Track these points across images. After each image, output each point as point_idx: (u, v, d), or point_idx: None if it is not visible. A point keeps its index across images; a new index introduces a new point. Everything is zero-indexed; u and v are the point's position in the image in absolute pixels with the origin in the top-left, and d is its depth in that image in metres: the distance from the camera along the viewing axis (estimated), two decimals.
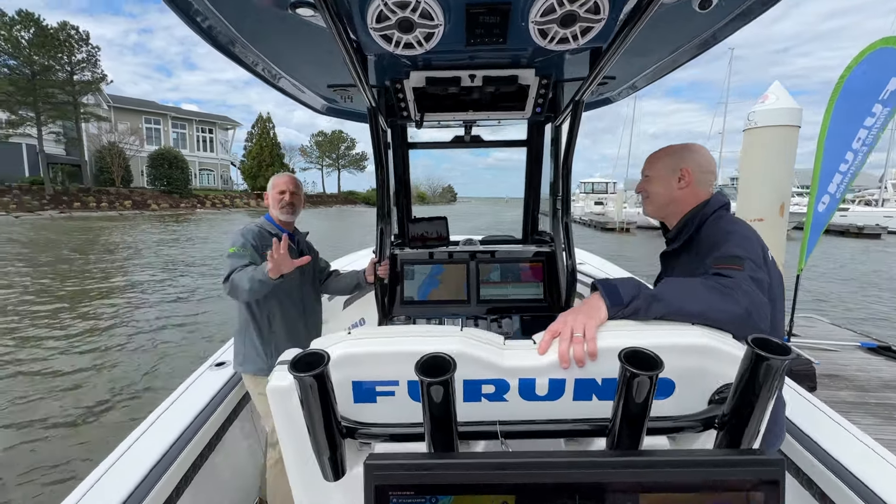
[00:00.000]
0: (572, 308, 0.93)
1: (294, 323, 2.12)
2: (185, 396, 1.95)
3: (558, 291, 2.38)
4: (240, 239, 2.01)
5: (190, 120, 43.38)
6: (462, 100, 1.97)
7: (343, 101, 2.28)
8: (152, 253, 15.16)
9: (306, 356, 0.73)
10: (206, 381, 2.12)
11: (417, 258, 2.47)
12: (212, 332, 7.12)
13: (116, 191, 33.25)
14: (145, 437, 1.61)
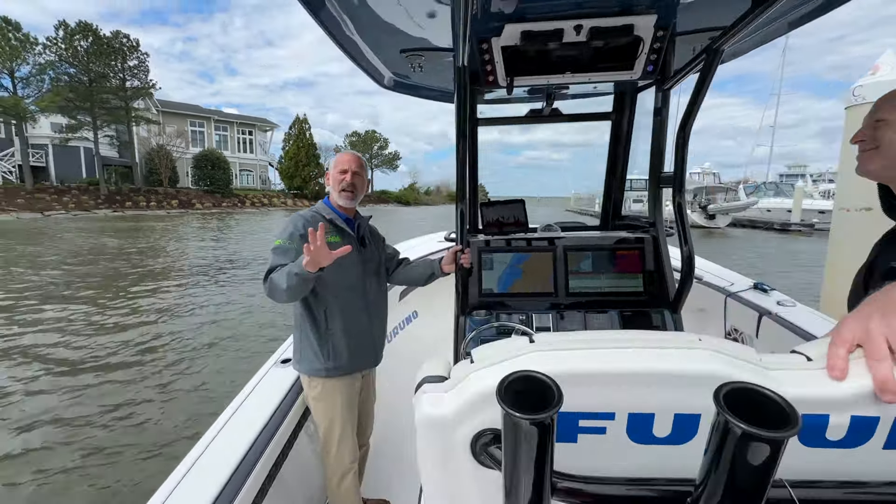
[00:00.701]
0: (866, 307, 0.55)
1: (356, 319, 1.88)
2: (252, 399, 1.77)
3: (661, 284, 2.05)
4: (288, 228, 1.78)
5: (231, 122, 44.90)
6: (559, 59, 1.69)
7: (414, 70, 2.04)
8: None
9: (515, 381, 0.50)
10: (273, 380, 1.94)
11: (496, 246, 2.18)
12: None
13: (164, 190, 34.82)
14: (215, 448, 1.43)
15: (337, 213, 1.88)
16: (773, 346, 2.41)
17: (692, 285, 1.92)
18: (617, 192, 2.70)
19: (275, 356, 2.19)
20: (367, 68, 2.08)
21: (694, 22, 1.55)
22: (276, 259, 1.71)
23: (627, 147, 2.57)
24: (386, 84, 2.39)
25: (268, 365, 2.10)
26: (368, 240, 1.99)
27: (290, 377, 1.95)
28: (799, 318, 2.34)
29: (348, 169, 1.87)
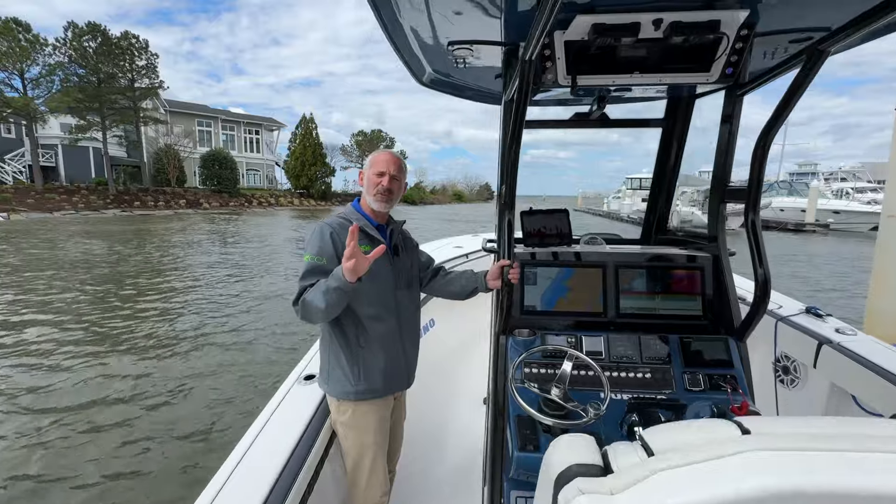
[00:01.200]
0: None
1: (388, 335, 1.73)
2: (274, 425, 1.62)
3: (724, 308, 1.86)
4: (315, 241, 1.61)
5: (238, 122, 44.90)
6: (626, 57, 1.51)
7: (457, 65, 1.90)
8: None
9: None
10: (295, 401, 1.79)
11: (541, 259, 2.01)
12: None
13: (172, 190, 34.89)
14: (237, 483, 1.30)
15: (368, 218, 1.72)
16: (834, 377, 2.24)
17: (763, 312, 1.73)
18: (664, 205, 2.51)
19: (296, 371, 2.04)
20: (410, 61, 1.96)
21: (787, 21, 1.37)
22: (308, 278, 1.57)
23: (679, 157, 2.39)
24: (424, 80, 2.26)
25: (289, 382, 1.95)
26: (402, 248, 1.83)
27: (315, 396, 1.80)
28: (863, 349, 2.15)
29: (386, 172, 1.70)
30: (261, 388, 4.83)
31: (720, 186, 1.90)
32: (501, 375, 1.75)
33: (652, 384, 1.71)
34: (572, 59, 1.52)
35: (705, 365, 1.74)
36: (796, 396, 2.46)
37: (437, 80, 2.26)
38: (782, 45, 1.51)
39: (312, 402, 1.77)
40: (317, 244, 1.60)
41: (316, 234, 1.64)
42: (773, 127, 1.56)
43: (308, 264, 1.58)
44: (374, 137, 66.25)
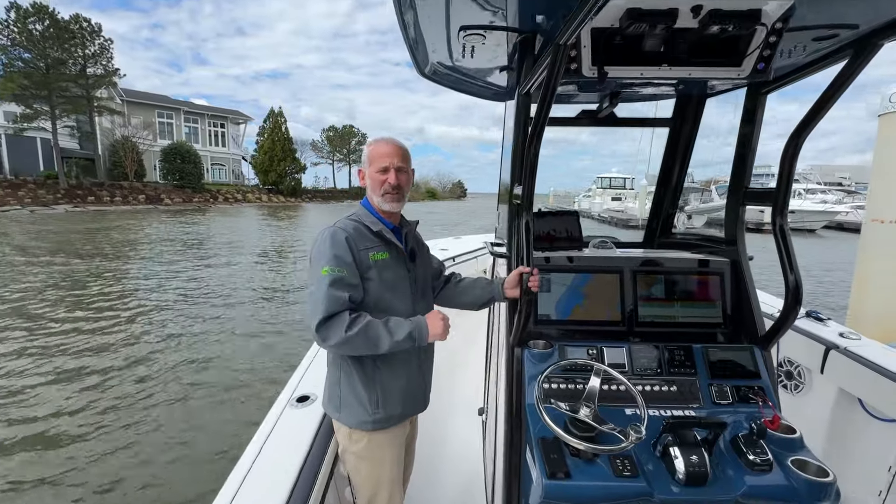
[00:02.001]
0: None
1: (406, 353, 1.52)
2: (267, 459, 1.42)
3: (745, 315, 1.78)
4: (330, 248, 1.38)
5: (202, 114, 43.04)
6: (656, 48, 1.38)
7: (464, 54, 1.78)
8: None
9: None
10: (290, 426, 1.60)
11: (555, 265, 1.87)
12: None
13: (130, 185, 33.03)
14: None
15: (382, 220, 1.52)
16: (841, 381, 2.23)
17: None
18: (669, 206, 2.43)
19: (287, 392, 1.83)
20: (415, 47, 1.82)
21: (834, 11, 1.27)
22: (333, 298, 1.33)
23: (686, 158, 2.31)
24: (427, 72, 2.13)
25: (280, 405, 1.75)
26: (417, 252, 1.64)
27: (311, 421, 1.61)
28: (871, 353, 2.16)
29: (389, 166, 1.48)
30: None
31: (739, 188, 1.82)
32: (517, 392, 1.60)
33: (678, 398, 1.60)
34: (603, 48, 1.38)
35: (731, 376, 1.65)
36: (802, 402, 2.44)
37: (440, 71, 2.12)
38: (820, 38, 1.40)
39: (309, 429, 1.57)
40: (332, 252, 1.38)
41: (329, 239, 1.41)
42: (809, 125, 1.46)
43: (329, 278, 1.35)
44: (346, 133, 65.03)
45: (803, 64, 1.50)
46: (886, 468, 2.00)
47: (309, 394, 1.82)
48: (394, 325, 1.38)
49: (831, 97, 1.37)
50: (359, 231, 1.46)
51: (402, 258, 1.53)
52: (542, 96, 1.34)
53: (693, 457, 1.23)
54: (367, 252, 1.44)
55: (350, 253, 1.40)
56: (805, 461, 1.30)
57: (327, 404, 1.58)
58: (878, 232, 3.70)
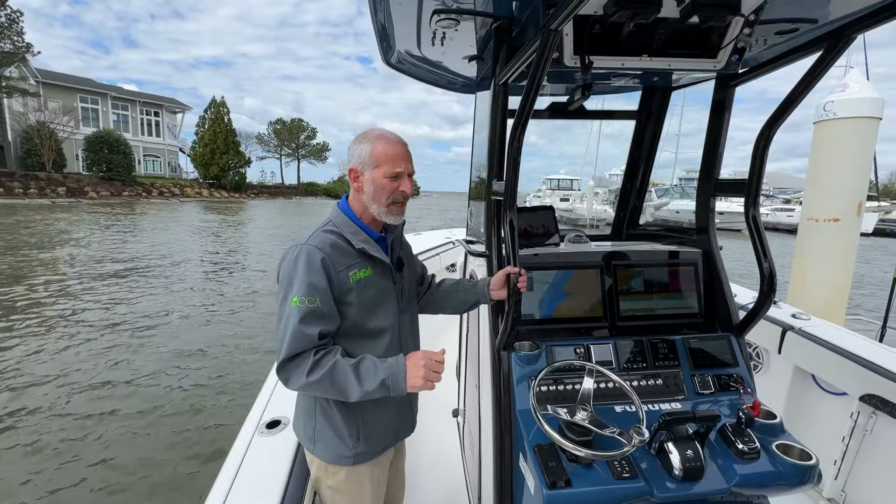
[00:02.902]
0: None
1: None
2: (241, 490, 1.29)
3: (719, 304, 1.84)
4: (303, 274, 1.16)
5: (133, 101, 39.63)
6: (636, 38, 1.38)
7: (434, 42, 1.73)
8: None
9: None
10: (261, 456, 1.44)
11: (537, 262, 1.82)
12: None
13: (47, 176, 29.73)
14: None
15: (366, 229, 1.31)
16: (797, 360, 2.40)
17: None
18: (635, 199, 2.49)
19: (253, 416, 1.66)
20: (382, 32, 1.73)
21: (803, 7, 1.32)
22: (301, 335, 1.14)
23: (653, 151, 2.37)
24: (392, 60, 2.02)
25: (247, 432, 1.57)
26: (404, 260, 1.48)
27: (284, 449, 1.46)
28: (822, 332, 2.33)
29: (404, 172, 1.26)
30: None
31: (710, 179, 1.86)
32: (506, 398, 1.54)
33: (665, 391, 1.62)
34: (586, 38, 1.35)
35: (712, 365, 1.69)
36: (761, 380, 2.60)
37: (406, 60, 2.03)
38: (792, 31, 1.44)
39: (284, 459, 1.42)
40: (306, 280, 1.16)
41: (301, 261, 1.18)
42: (780, 118, 1.50)
43: (299, 312, 1.14)
44: (294, 127, 62.59)
45: (772, 57, 1.54)
46: (840, 438, 2.15)
47: (279, 417, 1.65)
48: (365, 372, 1.15)
49: (804, 89, 1.40)
50: (337, 248, 1.23)
51: (387, 270, 1.34)
52: (529, 85, 1.28)
53: (688, 451, 1.24)
54: (346, 272, 1.23)
55: (326, 278, 1.18)
56: (788, 445, 1.34)
57: (301, 433, 1.40)
58: (812, 230, 4.08)
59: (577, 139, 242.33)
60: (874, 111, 3.67)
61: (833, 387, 2.26)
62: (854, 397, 2.10)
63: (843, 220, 3.80)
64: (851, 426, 2.12)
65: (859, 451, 2.13)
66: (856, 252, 3.91)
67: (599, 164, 38.42)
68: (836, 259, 3.95)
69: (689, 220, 2.05)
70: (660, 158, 2.37)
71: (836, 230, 3.85)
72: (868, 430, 2.09)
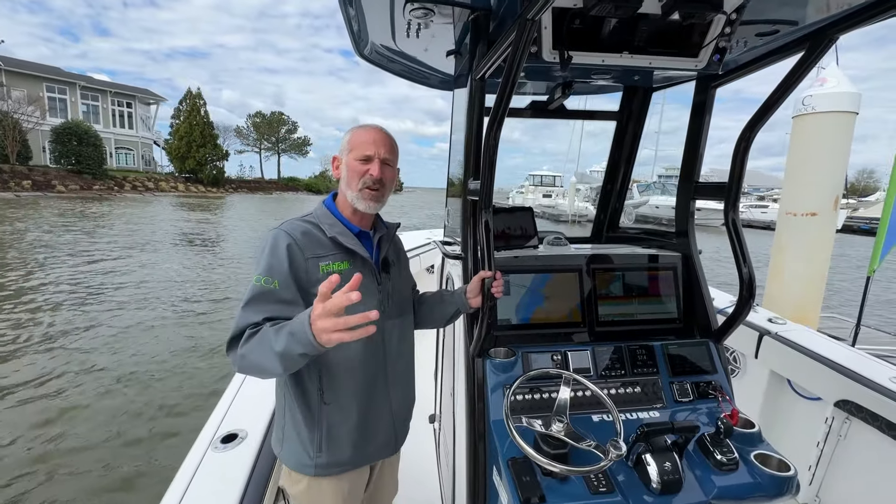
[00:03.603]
0: None
1: (367, 386, 1.27)
2: None
3: (698, 309, 1.80)
4: (266, 256, 1.15)
5: (104, 91, 38.19)
6: (617, 34, 1.34)
7: (409, 33, 1.67)
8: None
9: None
10: (212, 475, 1.31)
11: (514, 265, 1.75)
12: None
13: (11, 168, 28.41)
14: None
15: (345, 223, 1.26)
16: (773, 364, 2.39)
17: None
18: (615, 201, 2.42)
19: (209, 430, 1.53)
20: (354, 22, 1.65)
21: (785, 7, 1.27)
22: (250, 310, 1.09)
23: (633, 152, 2.31)
24: (365, 52, 1.95)
25: (201, 446, 1.44)
26: (393, 262, 1.38)
27: (240, 468, 1.34)
28: (798, 337, 2.32)
29: (374, 156, 1.23)
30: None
31: (690, 182, 1.82)
32: (480, 407, 1.45)
33: (643, 399, 1.57)
34: (565, 32, 1.29)
35: (690, 372, 1.65)
36: (738, 385, 2.58)
37: (380, 53, 1.93)
38: (773, 32, 1.40)
39: (237, 477, 1.29)
40: (268, 260, 1.14)
41: (268, 243, 1.17)
42: (761, 119, 1.46)
43: (253, 289, 1.12)
44: (274, 120, 61.54)
45: (754, 58, 1.50)
46: (815, 443, 2.14)
47: (237, 430, 1.52)
48: (280, 330, 1.00)
49: (785, 91, 1.36)
50: (309, 236, 1.19)
51: (368, 268, 1.25)
52: (505, 79, 1.19)
53: (666, 464, 1.20)
54: (316, 261, 1.17)
55: (288, 262, 1.14)
56: (766, 455, 1.31)
57: (274, 435, 1.33)
58: (790, 224, 4.09)
59: (560, 136, 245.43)
60: (852, 106, 3.69)
61: (808, 392, 2.25)
62: (829, 402, 2.09)
63: (821, 214, 3.82)
64: (826, 431, 2.11)
65: (833, 457, 2.12)
66: (832, 247, 3.94)
67: (582, 161, 38.87)
68: (813, 254, 3.96)
69: (668, 215, 2.01)
70: (640, 156, 2.36)
71: (814, 224, 3.88)
72: (842, 435, 2.08)
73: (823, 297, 4.25)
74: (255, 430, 1.52)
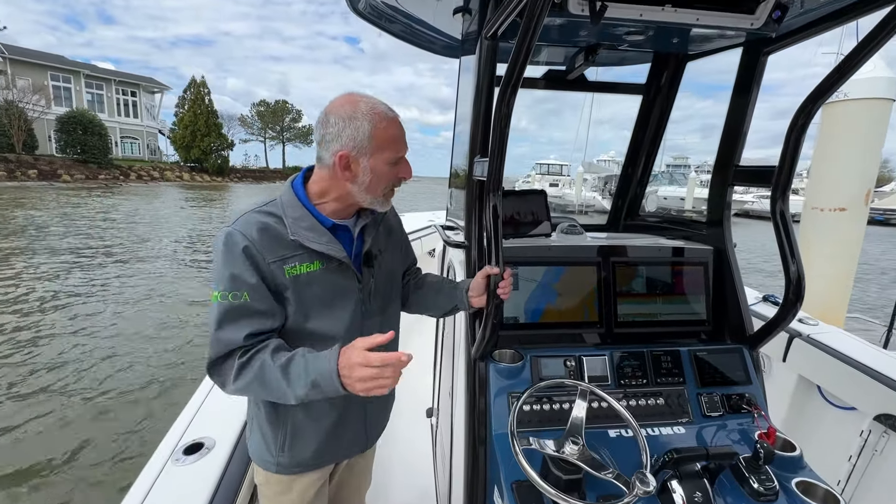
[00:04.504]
0: None
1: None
2: None
3: (731, 310, 1.61)
4: (224, 267, 0.97)
5: (108, 80, 37.98)
6: None
7: None
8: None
9: None
10: (169, 494, 1.17)
11: (529, 255, 1.56)
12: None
13: (17, 158, 28.44)
14: None
15: (317, 215, 1.06)
16: (803, 369, 2.19)
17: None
18: (636, 186, 2.21)
19: (170, 439, 1.38)
20: None
21: None
22: (228, 333, 0.96)
23: (660, 132, 2.08)
24: (359, 6, 1.70)
25: (160, 458, 1.29)
26: (379, 252, 1.20)
27: (205, 481, 1.21)
28: (831, 340, 2.12)
29: (404, 153, 1.07)
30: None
31: (727, 166, 1.60)
32: (482, 419, 1.28)
33: (667, 412, 1.39)
34: None
35: (721, 383, 1.47)
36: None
37: (376, 7, 1.70)
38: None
39: (201, 494, 1.16)
40: (227, 270, 0.97)
41: (220, 249, 0.98)
42: (824, 95, 1.23)
43: (220, 308, 0.97)
44: (279, 109, 61.10)
45: (818, 18, 1.26)
46: (846, 458, 1.97)
47: (202, 439, 1.37)
48: (295, 372, 0.92)
49: (864, 56, 1.12)
50: (268, 232, 1.00)
51: (345, 267, 1.08)
52: (522, 35, 0.97)
53: (696, 493, 1.04)
54: (280, 265, 1.00)
55: (253, 268, 0.98)
56: (810, 484, 1.14)
57: (247, 432, 1.25)
58: (817, 220, 3.85)
59: (568, 125, 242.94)
60: (889, 92, 3.40)
61: (841, 401, 2.06)
62: (865, 413, 1.91)
63: (850, 209, 3.58)
64: (861, 445, 1.92)
65: (866, 473, 1.93)
66: (861, 245, 3.71)
67: (589, 151, 38.40)
68: (840, 252, 3.72)
69: (677, 206, 1.80)
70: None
71: (843, 220, 3.63)
72: (878, 450, 1.89)
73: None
74: (224, 437, 1.38)
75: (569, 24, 1.20)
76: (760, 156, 4.46)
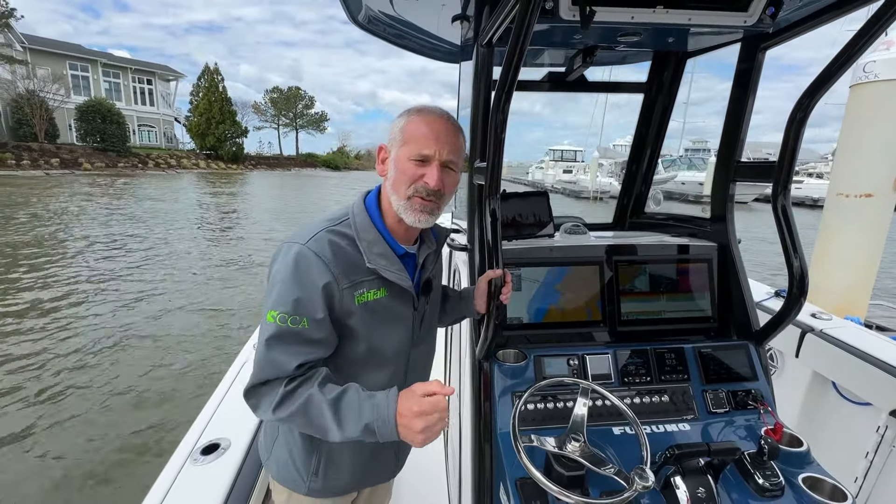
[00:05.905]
0: None
1: None
2: None
3: (737, 307, 1.60)
4: (288, 284, 0.91)
5: (124, 68, 38.41)
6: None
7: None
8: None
9: None
10: (186, 493, 1.22)
11: (529, 256, 1.58)
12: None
13: (40, 147, 29.17)
14: None
15: (389, 240, 1.03)
16: (817, 365, 2.15)
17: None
18: (641, 184, 2.18)
19: (188, 440, 1.43)
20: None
21: None
22: (278, 356, 0.90)
23: (662, 129, 2.05)
24: (360, 19, 1.74)
25: (179, 458, 1.34)
26: (433, 280, 1.19)
27: (221, 479, 1.25)
28: (845, 335, 2.08)
29: (434, 156, 0.96)
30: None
31: (729, 161, 1.59)
32: (487, 418, 1.31)
33: (671, 410, 1.40)
34: None
35: (727, 380, 1.47)
36: (776, 386, 2.40)
37: (376, 18, 1.71)
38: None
39: (218, 488, 1.20)
40: (292, 291, 0.90)
41: (287, 265, 0.91)
42: (824, 85, 1.20)
43: (274, 330, 0.90)
44: (292, 95, 61.20)
45: (815, 12, 1.24)
46: (863, 454, 1.94)
47: (219, 440, 1.41)
48: (346, 411, 0.88)
49: (860, 47, 1.11)
50: (343, 258, 0.95)
51: (407, 295, 1.06)
52: (514, 41, 0.98)
53: (699, 489, 1.05)
54: (351, 291, 0.96)
55: (324, 297, 0.92)
56: (817, 479, 1.14)
57: (261, 439, 1.22)
58: (842, 206, 3.73)
59: (583, 109, 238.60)
60: None
61: (856, 396, 2.03)
62: (881, 409, 1.87)
63: (877, 195, 3.44)
64: (878, 441, 1.89)
65: (884, 469, 1.90)
66: (887, 233, 3.58)
67: (605, 135, 37.70)
68: (865, 240, 3.60)
69: (695, 191, 1.77)
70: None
71: (869, 207, 3.51)
72: (895, 446, 1.86)
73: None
74: (239, 439, 1.42)
75: (563, 28, 1.20)
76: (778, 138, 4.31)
